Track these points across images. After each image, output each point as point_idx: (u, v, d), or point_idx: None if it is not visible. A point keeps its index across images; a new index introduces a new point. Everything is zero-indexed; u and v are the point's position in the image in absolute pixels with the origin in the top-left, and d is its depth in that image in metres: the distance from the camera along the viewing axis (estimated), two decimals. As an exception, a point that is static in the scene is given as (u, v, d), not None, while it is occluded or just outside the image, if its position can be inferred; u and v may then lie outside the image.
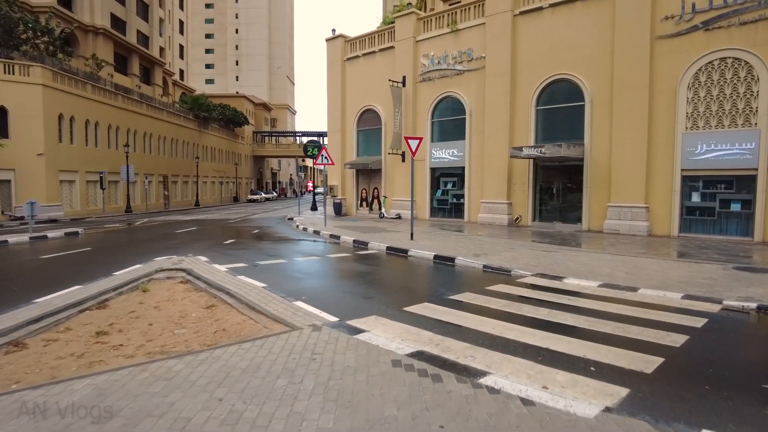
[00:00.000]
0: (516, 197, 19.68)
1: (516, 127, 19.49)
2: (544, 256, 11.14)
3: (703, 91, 15.08)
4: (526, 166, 19.21)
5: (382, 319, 5.92)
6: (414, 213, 23.23)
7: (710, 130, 15.01)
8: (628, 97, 16.33)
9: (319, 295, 7.38)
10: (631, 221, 16.32)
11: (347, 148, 26.65)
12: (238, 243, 14.96)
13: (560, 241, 14.24)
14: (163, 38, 57.18)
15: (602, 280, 8.37)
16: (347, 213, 26.72)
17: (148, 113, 40.72)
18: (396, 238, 14.77)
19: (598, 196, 17.33)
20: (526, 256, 11.03)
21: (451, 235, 15.69)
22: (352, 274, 9.87)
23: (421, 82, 22.91)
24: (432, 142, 22.73)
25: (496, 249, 12.26)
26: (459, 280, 9.28)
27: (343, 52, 26.50)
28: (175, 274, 8.60)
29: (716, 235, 15.08)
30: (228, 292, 6.90)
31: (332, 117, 27.07)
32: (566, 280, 8.54)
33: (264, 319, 5.79)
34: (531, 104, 19.00)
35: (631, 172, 16.33)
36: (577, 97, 17.90)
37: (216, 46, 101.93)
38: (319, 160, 18.37)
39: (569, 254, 11.45)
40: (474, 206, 21.09)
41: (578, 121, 17.92)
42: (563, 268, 9.59)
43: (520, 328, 5.62)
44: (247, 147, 71.49)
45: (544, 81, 18.60)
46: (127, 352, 4.79)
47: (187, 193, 49.40)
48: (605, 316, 6.14)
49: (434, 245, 12.96)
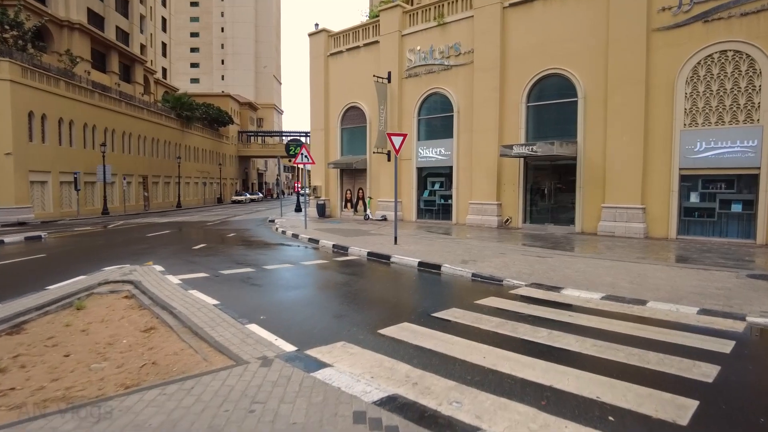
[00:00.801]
0: (506, 198, 18.79)
1: (506, 125, 18.60)
2: (537, 262, 10.21)
3: (702, 85, 14.29)
4: (517, 166, 18.33)
5: (351, 347, 4.91)
6: (400, 215, 22.29)
7: (710, 126, 14.23)
8: (623, 93, 15.51)
9: (282, 314, 6.34)
10: (626, 223, 15.50)
11: (331, 147, 25.59)
12: (209, 248, 13.84)
13: (553, 245, 13.35)
14: (145, 35, 55.57)
15: (605, 291, 7.45)
16: (331, 215, 25.66)
17: (128, 112, 39.26)
18: (379, 242, 13.77)
19: (592, 196, 16.50)
20: (519, 263, 10.09)
21: (438, 239, 14.73)
22: (326, 285, 8.84)
23: (406, 78, 21.93)
24: (419, 140, 21.77)
25: (486, 254, 11.31)
26: (445, 291, 8.30)
27: (327, 48, 25.44)
28: (121, 287, 7.49)
29: (716, 238, 14.31)
30: (172, 312, 5.84)
31: (315, 115, 25.98)
32: (565, 291, 7.60)
33: (206, 349, 4.75)
34: (521, 101, 18.12)
35: (627, 171, 15.51)
36: (570, 93, 17.06)
37: (201, 44, 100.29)
38: (299, 159, 17.29)
39: (565, 260, 10.54)
40: (462, 207, 20.17)
41: (571, 119, 17.08)
42: (560, 276, 8.66)
43: (516, 357, 4.64)
44: (232, 147, 69.98)
45: (535, 76, 17.73)
46: (14, 401, 3.72)
47: (169, 194, 47.92)
48: (615, 339, 5.21)
49: (419, 250, 11.98)
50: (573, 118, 16.96)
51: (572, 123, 17.01)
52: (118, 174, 37.27)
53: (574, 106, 16.92)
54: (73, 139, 32.18)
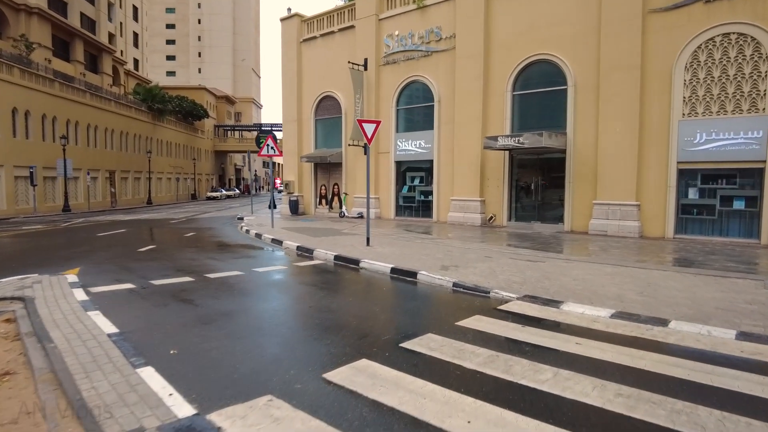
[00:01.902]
0: (490, 194, 17.46)
1: (490, 116, 17.26)
2: (529, 267, 8.86)
3: (702, 72, 13.12)
4: (501, 159, 17.01)
5: (279, 406, 3.42)
6: (377, 212, 20.83)
7: (711, 116, 13.07)
8: (616, 80, 14.27)
9: (201, 346, 4.79)
10: (620, 221, 14.29)
11: (304, 139, 23.96)
12: (156, 251, 12.17)
13: (542, 245, 12.05)
14: (114, 24, 52.90)
15: (613, 306, 6.11)
16: (305, 212, 24.06)
17: (93, 103, 36.90)
18: (350, 243, 12.28)
19: (583, 192, 15.27)
20: (507, 268, 8.72)
21: (417, 239, 13.30)
22: (274, 301, 7.32)
23: (384, 66, 20.43)
24: (397, 132, 20.31)
25: (469, 258, 9.92)
26: (420, 307, 6.86)
27: (300, 33, 23.77)
28: (8, 306, 5.88)
29: (717, 237, 13.18)
30: (45, 347, 4.28)
31: (287, 105, 24.30)
32: (565, 306, 6.24)
33: (62, 412, 3.22)
34: (506, 89, 16.78)
35: (620, 165, 14.30)
36: (559, 81, 15.78)
37: (178, 36, 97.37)
38: (264, 150, 15.67)
39: (559, 264, 9.20)
40: (443, 204, 18.79)
41: (560, 109, 15.81)
42: (557, 286, 7.31)
43: (515, 421, 3.23)
44: (207, 142, 67.51)
45: (522, 63, 16.41)
46: None
47: (139, 190, 45.60)
48: (644, 382, 3.84)
49: (394, 253, 10.53)
50: (562, 108, 15.70)
51: (561, 113, 15.75)
52: (82, 169, 35.02)
53: (564, 95, 15.66)
54: (30, 131, 29.88)
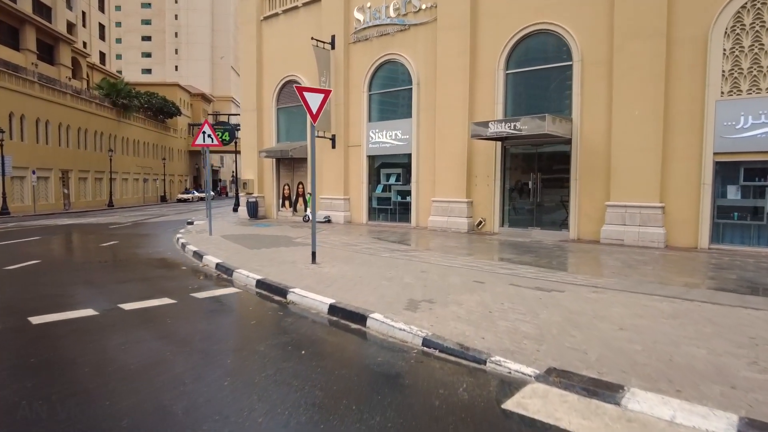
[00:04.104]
0: (478, 194, 14.52)
1: (478, 100, 14.33)
2: (540, 302, 5.88)
3: (748, 38, 10.31)
4: (492, 152, 14.09)
5: None
6: (347, 216, 17.75)
7: (759, 94, 10.26)
8: (634, 51, 11.43)
9: None
10: (640, 227, 11.43)
11: (265, 131, 20.80)
12: (27, 270, 8.95)
13: (548, 260, 9.11)
14: (75, 12, 49.14)
15: (720, 396, 3.16)
16: (266, 215, 20.88)
17: (43, 95, 33.27)
18: (291, 259, 9.18)
19: (592, 192, 12.40)
20: (509, 304, 5.73)
21: (385, 252, 10.25)
22: (98, 384, 4.24)
23: (355, 44, 17.40)
24: (370, 121, 17.28)
25: (452, 284, 6.91)
26: (360, 410, 3.83)
27: (260, 10, 20.62)
28: None
29: (765, 248, 10.38)
30: None
31: (246, 92, 21.12)
32: (632, 399, 3.26)
33: None
34: (498, 67, 13.87)
35: (640, 157, 11.44)
36: (562, 56, 12.91)
37: (154, 32, 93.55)
38: (199, 139, 12.53)
39: (585, 296, 6.24)
40: (424, 206, 15.80)
41: (563, 90, 12.96)
42: (597, 344, 4.33)
43: None
44: (181, 141, 63.73)
45: (516, 35, 13.50)
46: None
47: (101, 191, 41.83)
48: None
49: (345, 275, 7.49)
50: (566, 89, 12.85)
51: (565, 96, 12.90)
52: (28, 167, 31.39)
53: (568, 72, 12.79)
54: (-43, 123, 26.34)
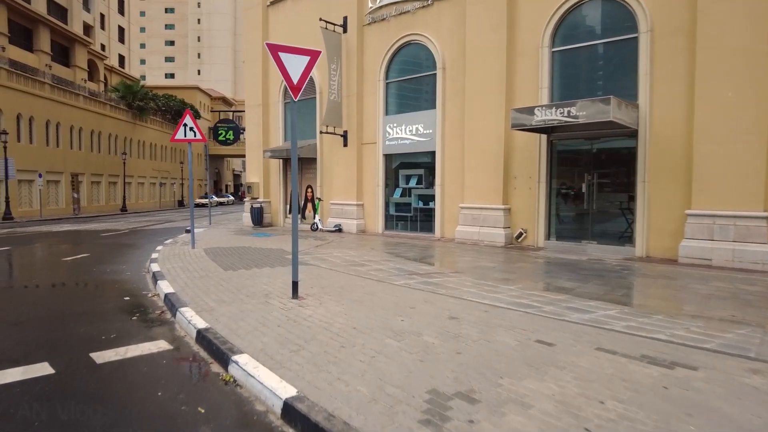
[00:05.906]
0: (518, 200, 11.95)
1: (517, 85, 11.79)
2: (668, 400, 3.34)
3: None
4: (536, 147, 11.52)
5: None
6: (361, 224, 15.33)
7: None
8: (726, 14, 8.75)
9: None
10: (735, 243, 8.70)
11: (271, 129, 18.65)
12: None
13: (626, 293, 6.53)
14: (92, 14, 48.45)
15: None
16: (272, 222, 18.69)
17: (54, 97, 32.12)
18: (266, 290, 6.75)
19: (665, 197, 9.71)
20: (613, 408, 3.24)
21: (397, 278, 7.79)
22: None
23: (369, 25, 15.07)
24: (387, 114, 14.89)
25: (501, 354, 4.37)
26: None
27: (266, -6, 18.55)
28: None
29: None
30: None
31: (251, 86, 19.02)
32: None
33: None
34: (542, 44, 11.32)
35: (734, 152, 8.72)
36: (625, 27, 10.29)
37: (177, 37, 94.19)
38: (179, 133, 10.37)
39: (741, 382, 3.70)
40: (450, 214, 13.30)
41: (626, 69, 10.33)
42: None
43: None
44: (200, 145, 62.58)
45: (564, 4, 10.96)
46: None
47: (115, 196, 40.75)
48: None
49: (331, 326, 5.07)
50: (630, 68, 10.21)
51: (629, 77, 10.25)
52: (35, 171, 30.21)
53: (633, 46, 10.15)
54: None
